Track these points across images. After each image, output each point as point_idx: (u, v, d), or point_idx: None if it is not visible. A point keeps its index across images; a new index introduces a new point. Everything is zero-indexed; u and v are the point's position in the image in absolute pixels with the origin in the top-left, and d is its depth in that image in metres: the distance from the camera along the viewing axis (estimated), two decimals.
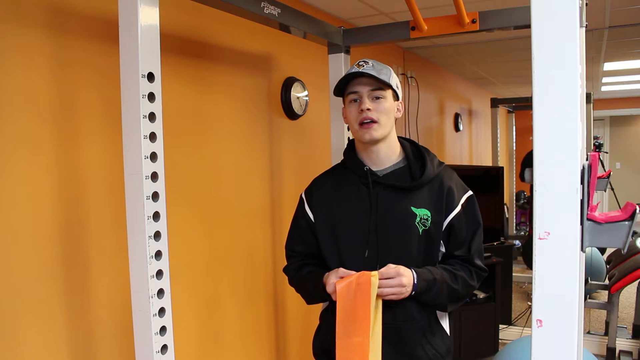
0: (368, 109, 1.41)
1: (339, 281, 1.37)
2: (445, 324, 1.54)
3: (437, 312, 1.51)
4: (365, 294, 1.33)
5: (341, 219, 1.49)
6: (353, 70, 1.43)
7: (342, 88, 1.48)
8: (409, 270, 1.38)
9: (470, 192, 1.51)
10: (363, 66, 1.42)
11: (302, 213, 1.57)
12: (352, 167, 1.52)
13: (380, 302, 1.35)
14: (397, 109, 1.50)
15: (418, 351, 1.46)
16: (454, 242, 1.47)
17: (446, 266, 1.46)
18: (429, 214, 1.44)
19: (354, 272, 1.37)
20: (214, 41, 2.01)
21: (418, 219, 1.43)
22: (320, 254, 1.53)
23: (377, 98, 1.43)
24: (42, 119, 1.38)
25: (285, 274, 1.64)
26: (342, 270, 1.40)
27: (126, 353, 1.59)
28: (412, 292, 1.37)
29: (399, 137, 1.54)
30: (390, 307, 1.41)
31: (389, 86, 1.43)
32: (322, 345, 1.57)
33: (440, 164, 1.53)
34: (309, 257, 1.58)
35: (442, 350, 1.49)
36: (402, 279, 1.34)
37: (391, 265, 1.36)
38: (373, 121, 1.42)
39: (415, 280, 1.37)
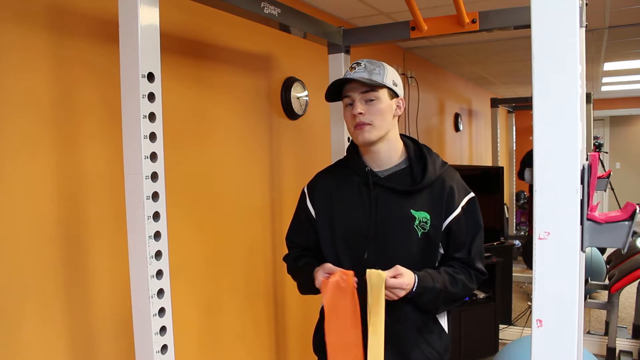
0: (360, 113, 1.41)
1: (324, 281, 1.39)
2: (444, 322, 1.54)
3: None
4: (351, 292, 1.36)
5: (341, 219, 1.49)
6: (344, 76, 1.44)
7: (338, 92, 1.48)
8: (412, 275, 1.37)
9: (471, 194, 1.50)
10: (355, 68, 1.43)
11: (304, 207, 1.58)
12: (353, 166, 1.52)
13: (383, 302, 1.35)
14: (397, 106, 1.48)
15: (415, 351, 1.46)
16: (453, 244, 1.47)
17: (447, 269, 1.45)
18: (428, 217, 1.44)
19: (339, 269, 1.39)
20: (214, 41, 2.01)
21: (417, 222, 1.43)
22: (319, 248, 1.55)
23: (370, 100, 1.42)
24: (42, 119, 1.38)
25: (284, 262, 1.66)
26: (328, 265, 1.42)
27: (126, 353, 1.59)
28: (407, 295, 1.37)
29: (401, 136, 1.53)
30: (388, 305, 1.42)
31: (382, 86, 1.42)
32: (322, 341, 1.57)
33: (443, 164, 1.52)
34: (308, 250, 1.60)
35: (439, 349, 1.49)
36: (401, 292, 1.35)
37: (399, 268, 1.36)
38: (366, 124, 1.41)
39: (415, 287, 1.37)
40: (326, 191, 1.54)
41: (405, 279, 1.35)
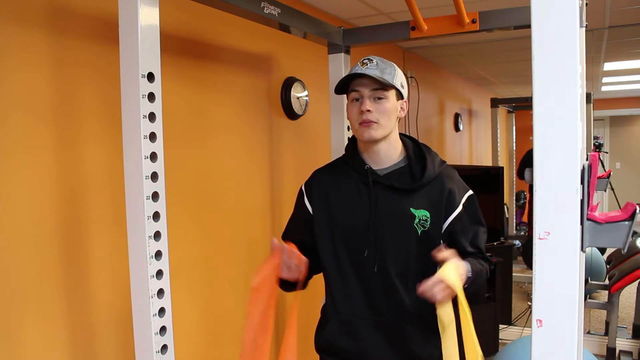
0: (368, 110, 1.40)
1: (256, 275, 1.40)
2: None
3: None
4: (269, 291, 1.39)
5: (340, 217, 1.49)
6: (356, 71, 1.42)
7: (345, 85, 1.47)
8: (463, 264, 1.34)
9: (470, 192, 1.51)
10: (367, 64, 1.42)
11: (301, 205, 1.58)
12: (353, 164, 1.51)
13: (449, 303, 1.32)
14: (401, 108, 1.48)
15: (417, 349, 1.46)
16: (459, 241, 1.47)
17: (467, 257, 1.44)
18: (428, 215, 1.44)
19: (280, 253, 1.38)
20: (214, 41, 2.01)
21: (417, 220, 1.43)
22: (306, 245, 1.53)
23: (379, 98, 1.42)
24: (42, 119, 1.38)
25: None
26: (274, 240, 1.40)
27: (126, 353, 1.59)
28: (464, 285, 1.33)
29: (400, 135, 1.53)
30: (389, 303, 1.43)
31: (392, 86, 1.43)
32: (324, 340, 1.58)
33: (441, 163, 1.52)
34: (300, 246, 1.54)
35: (441, 347, 1.49)
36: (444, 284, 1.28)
37: (450, 259, 1.30)
38: (372, 122, 1.41)
39: (470, 272, 1.35)
40: (324, 188, 1.54)
41: (460, 270, 1.32)
